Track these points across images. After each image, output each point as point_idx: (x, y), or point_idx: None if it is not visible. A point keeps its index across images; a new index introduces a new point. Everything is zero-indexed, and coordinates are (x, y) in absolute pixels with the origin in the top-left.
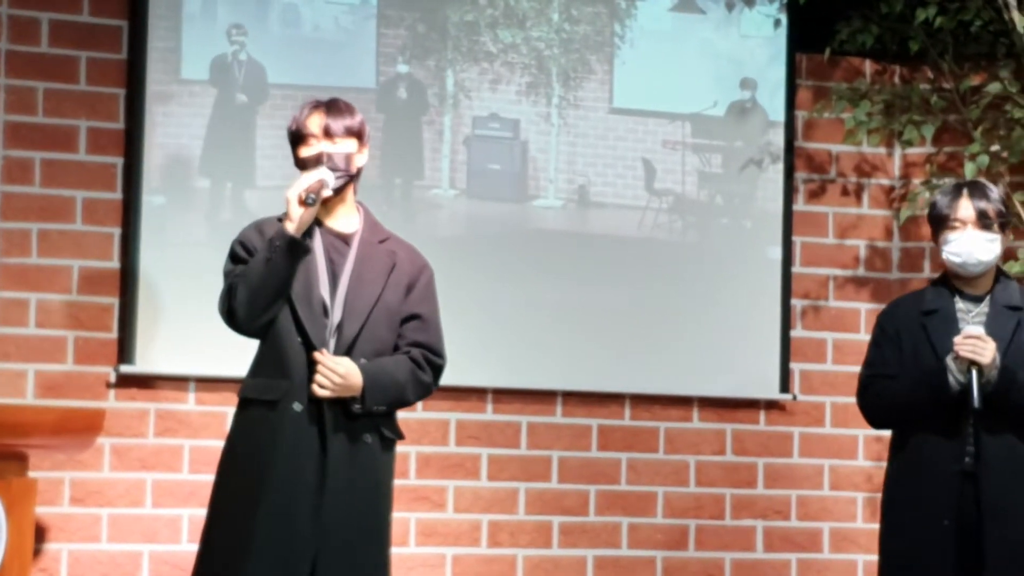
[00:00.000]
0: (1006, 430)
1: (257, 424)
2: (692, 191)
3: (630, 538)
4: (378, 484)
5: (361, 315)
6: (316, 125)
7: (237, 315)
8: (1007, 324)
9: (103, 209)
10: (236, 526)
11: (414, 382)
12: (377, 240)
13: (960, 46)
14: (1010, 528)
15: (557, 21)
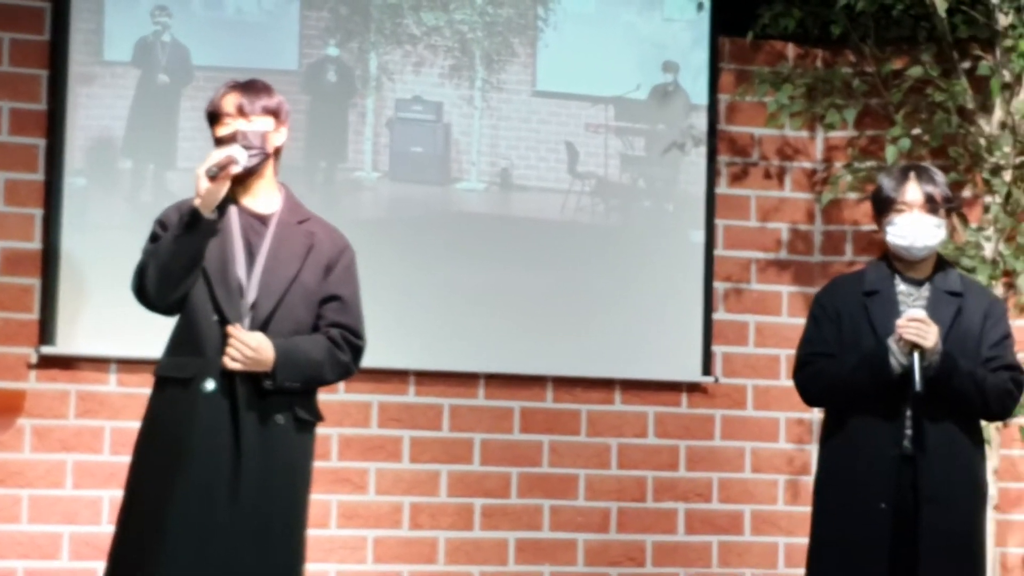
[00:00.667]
0: (944, 415)
1: (172, 403)
2: (615, 174)
3: (552, 521)
4: (292, 466)
5: (276, 294)
6: (231, 104)
7: (148, 292)
8: (947, 310)
9: (25, 190)
10: (153, 506)
11: (331, 361)
12: (296, 221)
13: (882, 30)
14: (946, 514)
15: (480, 4)
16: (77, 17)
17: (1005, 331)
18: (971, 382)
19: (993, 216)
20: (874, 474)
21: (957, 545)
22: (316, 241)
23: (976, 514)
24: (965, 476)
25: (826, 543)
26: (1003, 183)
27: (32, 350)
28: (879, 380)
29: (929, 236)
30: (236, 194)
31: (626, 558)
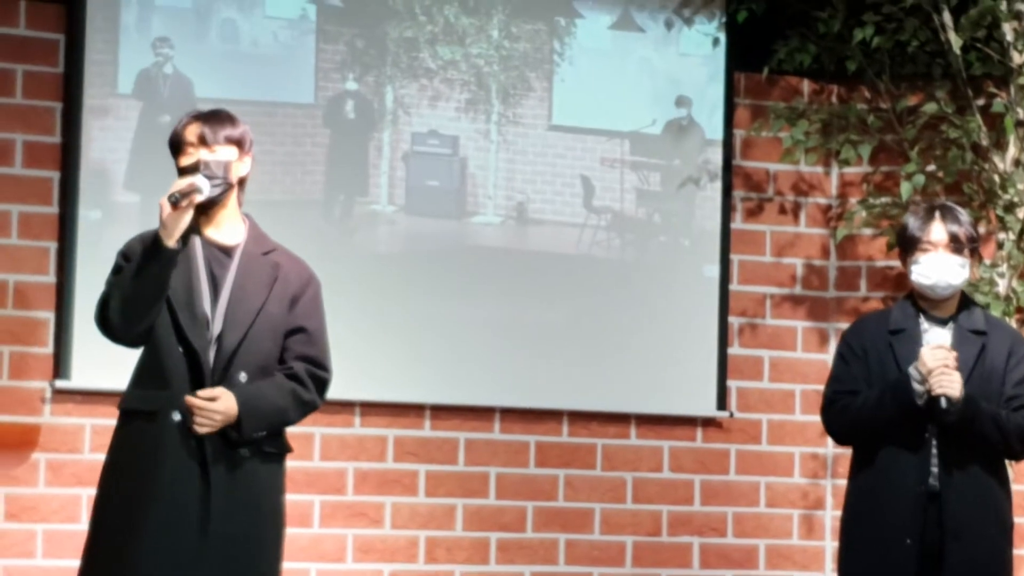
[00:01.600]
0: (970, 452)
1: (138, 435)
2: (630, 209)
3: (567, 554)
4: (259, 500)
5: (242, 327)
6: (193, 134)
7: (112, 323)
8: (972, 349)
9: (39, 223)
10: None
11: (295, 404)
12: (261, 252)
13: (897, 66)
14: (971, 551)
15: (497, 38)
16: (91, 49)
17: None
18: (993, 425)
19: (1007, 253)
20: (900, 510)
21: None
22: (281, 273)
23: (1003, 551)
24: (991, 513)
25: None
26: (1016, 220)
27: (47, 384)
28: (903, 408)
29: (953, 275)
30: (200, 225)
31: None
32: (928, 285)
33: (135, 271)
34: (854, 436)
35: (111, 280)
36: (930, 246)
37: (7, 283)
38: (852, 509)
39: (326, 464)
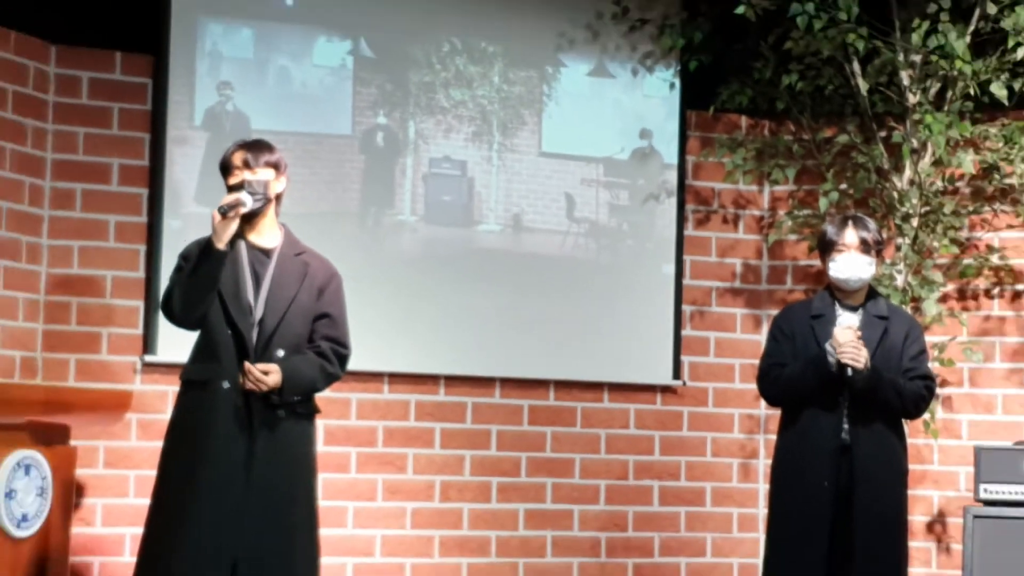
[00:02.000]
0: (874, 412)
1: (196, 400)
2: (604, 219)
3: (553, 495)
4: (295, 454)
5: (279, 313)
6: (239, 159)
7: (174, 311)
8: (876, 331)
9: (131, 230)
10: (184, 487)
11: (322, 376)
12: (294, 253)
13: (816, 105)
14: (875, 493)
15: (497, 83)
16: (172, 91)
17: (921, 347)
18: (893, 391)
19: (903, 254)
20: (819, 460)
21: (884, 518)
22: (310, 270)
23: (899, 493)
24: (891, 463)
25: (781, 516)
26: (911, 228)
27: (138, 359)
28: (822, 378)
29: (862, 272)
30: (245, 232)
31: (612, 525)
32: (843, 279)
33: (192, 270)
34: (783, 400)
35: (174, 277)
36: (844, 248)
37: (106, 278)
38: (780, 459)
39: (361, 423)
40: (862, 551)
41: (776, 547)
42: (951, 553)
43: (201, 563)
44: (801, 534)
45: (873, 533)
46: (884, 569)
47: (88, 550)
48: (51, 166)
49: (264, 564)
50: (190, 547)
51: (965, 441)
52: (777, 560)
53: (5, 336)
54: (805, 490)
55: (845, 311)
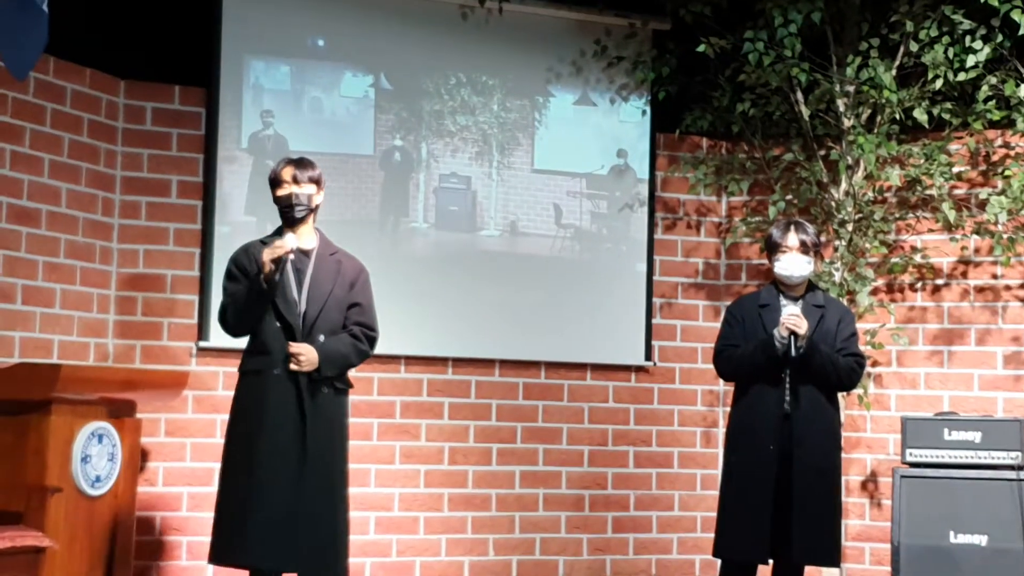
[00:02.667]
0: (811, 385)
1: (252, 387)
2: (587, 225)
3: (544, 458)
4: (333, 422)
5: (319, 304)
6: (288, 174)
7: (229, 327)
8: (814, 317)
9: (187, 236)
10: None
11: (355, 352)
12: (328, 253)
13: (766, 128)
14: (811, 454)
15: (496, 110)
16: (223, 118)
17: (853, 331)
18: (828, 361)
19: (840, 254)
20: (765, 426)
21: (820, 474)
22: (342, 267)
23: (833, 455)
24: (826, 428)
25: (734, 473)
26: (846, 232)
27: (193, 344)
28: (768, 357)
29: (803, 269)
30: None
31: (594, 484)
32: (786, 275)
33: (245, 297)
34: (735, 376)
35: (228, 290)
36: (787, 249)
37: (166, 276)
38: (733, 426)
39: (381, 398)
40: (800, 502)
41: (729, 500)
42: (882, 507)
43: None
44: (751, 489)
45: (810, 487)
46: (819, 517)
47: (151, 506)
48: (120, 182)
49: (316, 519)
50: (262, 500)
51: (893, 412)
52: (731, 511)
53: (81, 326)
54: (754, 452)
55: (788, 302)
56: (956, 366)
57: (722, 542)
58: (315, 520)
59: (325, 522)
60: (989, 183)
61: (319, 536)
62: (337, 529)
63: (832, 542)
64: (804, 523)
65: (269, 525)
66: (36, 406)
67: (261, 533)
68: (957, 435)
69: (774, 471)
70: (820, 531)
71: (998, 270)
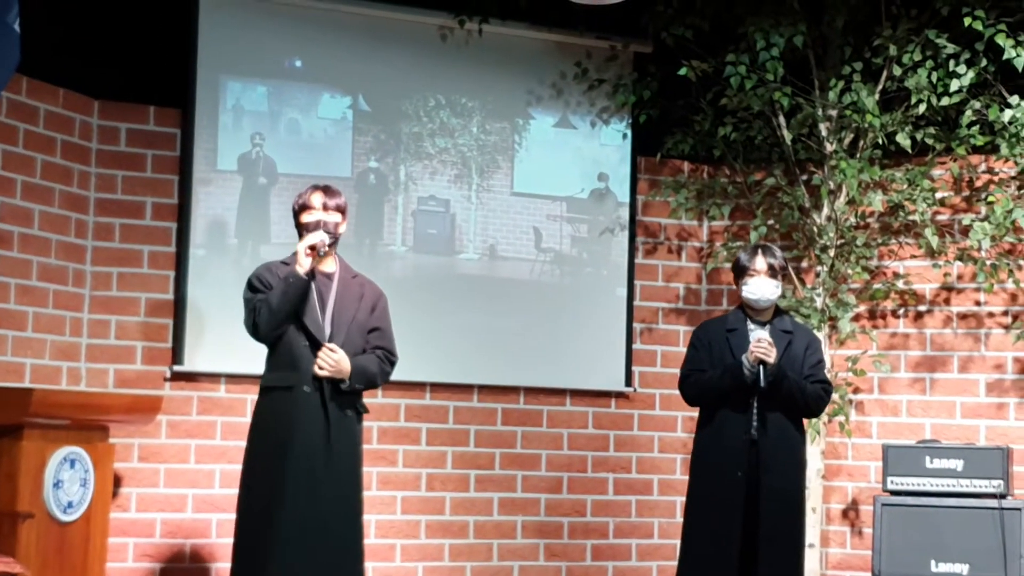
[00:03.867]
0: (778, 411)
1: (278, 403)
2: (567, 249)
3: (523, 485)
4: (355, 443)
5: (343, 327)
6: (318, 201)
7: (260, 328)
8: (782, 342)
9: (162, 259)
10: (270, 476)
11: (380, 372)
12: (350, 276)
13: (747, 153)
14: (779, 479)
15: (475, 132)
16: (199, 139)
17: (819, 357)
18: (796, 387)
19: (822, 280)
20: (732, 452)
21: (787, 500)
22: (365, 291)
23: (798, 480)
24: (792, 455)
25: (699, 500)
26: (829, 258)
27: (167, 368)
28: (736, 384)
29: (770, 293)
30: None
31: (573, 511)
32: (754, 299)
33: (281, 295)
34: (701, 400)
35: (254, 298)
36: (755, 272)
37: (140, 299)
38: (699, 452)
39: None
40: (767, 527)
41: (695, 527)
42: (863, 536)
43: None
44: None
45: (776, 512)
46: (786, 541)
47: (124, 532)
48: (94, 204)
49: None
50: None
51: (875, 440)
52: (697, 538)
53: (54, 349)
54: (721, 478)
55: (756, 326)
56: (938, 393)
57: (687, 570)
58: (342, 547)
59: (351, 550)
60: (972, 209)
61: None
62: (360, 556)
63: (799, 570)
64: (770, 552)
65: (298, 549)
66: (7, 431)
67: (291, 557)
68: (939, 463)
69: (742, 497)
70: (786, 559)
71: (981, 297)
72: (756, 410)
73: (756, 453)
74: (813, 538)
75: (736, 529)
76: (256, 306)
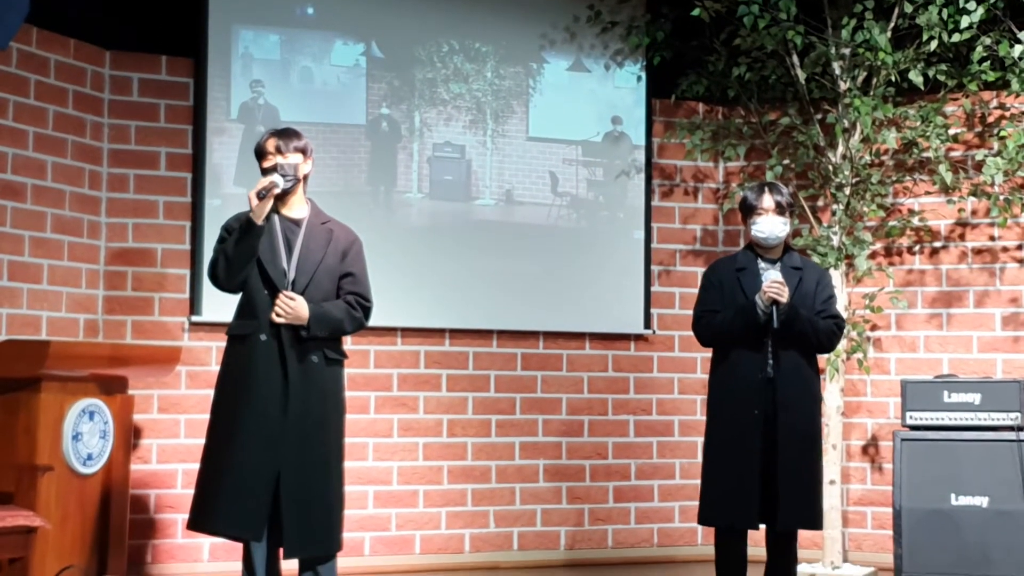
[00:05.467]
0: (792, 348)
1: (239, 351)
2: (583, 193)
3: (544, 429)
4: (325, 389)
5: (308, 273)
6: (271, 145)
7: (219, 278)
8: (792, 280)
9: (177, 209)
10: (231, 421)
11: (348, 318)
12: (320, 222)
13: (762, 93)
14: (795, 416)
15: (490, 78)
16: (211, 88)
17: (830, 293)
18: (809, 325)
19: (838, 218)
20: (748, 391)
21: (803, 436)
22: (334, 236)
23: (814, 416)
24: (807, 391)
25: (717, 440)
26: (844, 196)
27: (185, 319)
28: (749, 324)
29: (779, 230)
30: (278, 207)
31: (595, 453)
32: (763, 237)
33: (235, 242)
34: (715, 341)
35: (217, 248)
36: (763, 211)
37: (156, 250)
38: (716, 391)
39: (378, 370)
40: (785, 467)
41: (714, 466)
42: (883, 471)
43: (248, 476)
44: (736, 454)
45: (795, 451)
46: (805, 476)
47: (145, 484)
48: (107, 155)
49: (303, 475)
50: (237, 465)
51: (893, 376)
52: (716, 477)
53: (70, 302)
54: (738, 416)
55: (767, 265)
56: (955, 328)
57: (708, 509)
58: (305, 493)
59: (316, 496)
60: (985, 145)
61: (308, 510)
62: (330, 503)
63: (817, 506)
64: (789, 489)
65: (245, 493)
66: (25, 384)
67: (234, 500)
68: (957, 397)
69: (759, 435)
70: (805, 496)
71: (995, 231)
72: (771, 348)
73: (772, 391)
74: (834, 475)
75: (755, 466)
76: (216, 256)
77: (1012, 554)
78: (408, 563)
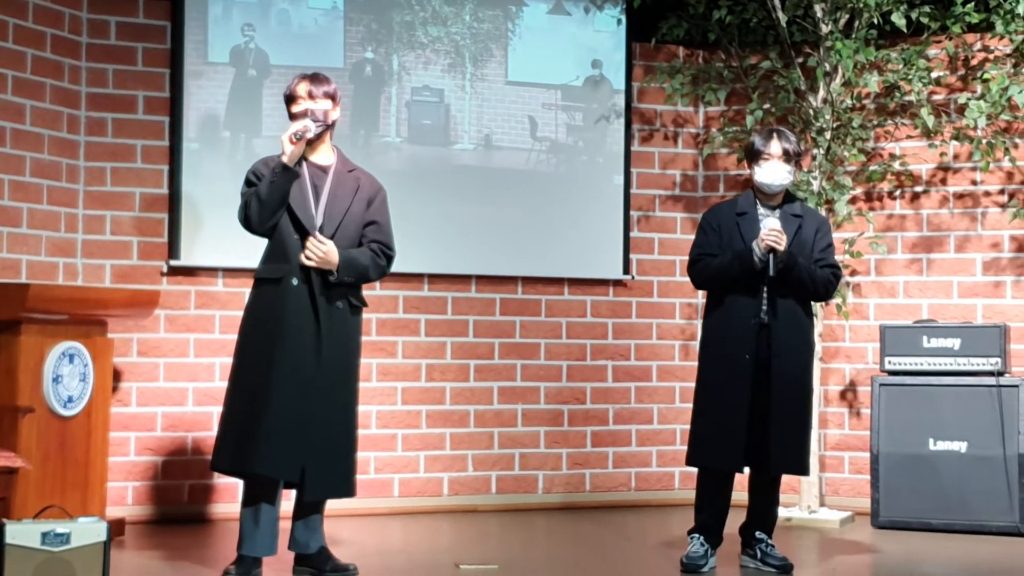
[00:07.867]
0: (788, 295)
1: (268, 295)
2: (563, 138)
3: (522, 374)
4: (350, 339)
5: (336, 220)
6: (303, 90)
7: (252, 221)
8: (792, 227)
9: (155, 153)
10: (267, 365)
11: (374, 266)
12: (347, 170)
13: (742, 36)
14: (788, 362)
15: (468, 21)
16: (189, 32)
17: (829, 241)
18: (806, 273)
19: (818, 163)
20: (741, 335)
21: (797, 386)
22: (361, 184)
23: (807, 363)
24: (801, 337)
25: (709, 383)
26: (825, 140)
27: (164, 263)
28: (746, 270)
29: (783, 178)
30: (306, 153)
31: (573, 399)
32: (767, 184)
33: (268, 185)
34: (710, 285)
35: (248, 192)
36: (769, 157)
37: (134, 194)
38: (708, 335)
39: None
40: (777, 412)
41: (705, 409)
42: (861, 416)
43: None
44: (727, 398)
45: (787, 397)
46: (795, 422)
47: (125, 426)
48: (85, 98)
49: (332, 420)
50: (279, 408)
51: (872, 321)
52: (706, 420)
53: (50, 245)
54: (730, 361)
55: (767, 211)
56: (935, 274)
57: (697, 451)
58: (331, 437)
59: (341, 441)
60: (968, 88)
61: (334, 454)
62: (351, 448)
63: (806, 452)
64: (781, 434)
65: (284, 435)
66: (5, 326)
67: (275, 442)
68: (936, 342)
69: (750, 380)
70: (795, 442)
71: (977, 176)
72: (766, 295)
73: (766, 336)
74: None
75: (744, 411)
76: (247, 199)
77: (990, 499)
78: (387, 506)
